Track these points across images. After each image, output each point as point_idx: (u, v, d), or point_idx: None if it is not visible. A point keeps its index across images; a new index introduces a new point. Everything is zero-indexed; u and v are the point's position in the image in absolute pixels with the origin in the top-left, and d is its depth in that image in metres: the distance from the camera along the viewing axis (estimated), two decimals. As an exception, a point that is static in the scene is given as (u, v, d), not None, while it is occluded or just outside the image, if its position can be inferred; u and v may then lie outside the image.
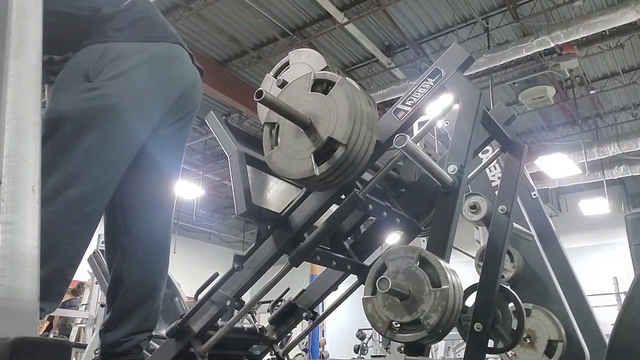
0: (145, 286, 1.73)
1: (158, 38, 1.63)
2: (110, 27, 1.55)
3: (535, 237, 2.17)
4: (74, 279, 1.67)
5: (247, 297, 1.68)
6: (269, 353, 2.10)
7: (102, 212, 1.58)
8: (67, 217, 1.44)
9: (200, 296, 1.65)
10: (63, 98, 1.48)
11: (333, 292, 2.00)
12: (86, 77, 1.47)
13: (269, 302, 2.32)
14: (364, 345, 10.70)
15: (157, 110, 1.62)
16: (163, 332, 1.76)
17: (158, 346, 1.78)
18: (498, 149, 1.78)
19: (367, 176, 1.67)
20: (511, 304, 1.48)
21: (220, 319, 1.70)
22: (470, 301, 1.44)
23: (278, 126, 1.35)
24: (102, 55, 1.50)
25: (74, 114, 1.45)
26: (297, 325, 2.19)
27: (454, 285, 1.11)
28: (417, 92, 1.48)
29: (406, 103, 1.48)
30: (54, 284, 1.43)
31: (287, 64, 1.70)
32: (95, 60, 1.49)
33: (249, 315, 2.26)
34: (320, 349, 11.37)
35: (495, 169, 2.45)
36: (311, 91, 1.32)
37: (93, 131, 1.46)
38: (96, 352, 1.80)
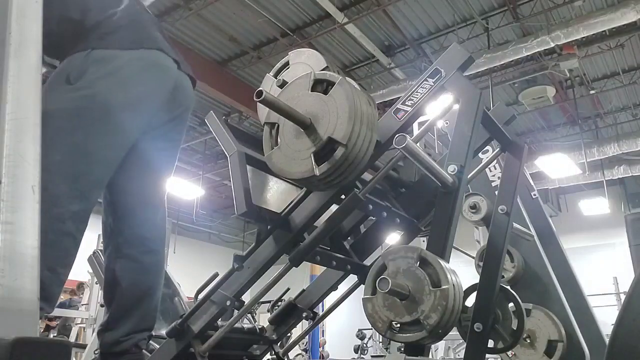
0: (140, 285, 1.74)
1: (139, 45, 1.65)
2: (93, 36, 1.60)
3: (535, 237, 2.17)
4: (74, 278, 1.69)
5: (247, 297, 1.68)
6: (269, 353, 2.10)
7: (89, 210, 1.58)
8: (52, 215, 1.43)
9: (200, 296, 1.65)
10: (47, 99, 1.52)
11: (333, 292, 2.00)
12: (68, 80, 1.53)
13: (269, 302, 2.32)
14: (364, 345, 10.69)
15: (137, 115, 1.64)
16: (163, 332, 1.76)
17: (158, 346, 1.78)
18: (498, 149, 1.78)
19: (367, 176, 1.67)
20: (511, 304, 1.48)
21: (220, 319, 1.70)
22: (470, 301, 1.44)
23: (278, 126, 1.35)
24: (84, 60, 1.55)
25: (57, 112, 1.49)
26: (297, 325, 2.19)
27: (454, 285, 1.11)
28: (417, 92, 1.48)
29: (406, 103, 1.48)
30: (49, 283, 1.44)
31: (287, 64, 1.70)
32: (77, 65, 1.54)
33: (249, 315, 2.26)
34: (320, 349, 11.37)
35: (495, 169, 2.45)
36: (311, 91, 1.32)
37: (76, 130, 1.51)
38: (96, 352, 1.81)
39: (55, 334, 7.22)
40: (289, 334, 2.70)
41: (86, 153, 1.53)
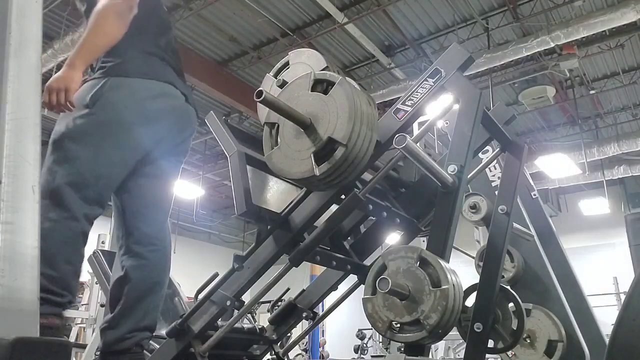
0: (148, 280, 1.81)
1: (152, 77, 1.82)
2: (112, 64, 1.77)
3: (535, 237, 2.17)
4: None
5: (247, 297, 1.68)
6: (269, 353, 2.10)
7: (100, 213, 1.74)
8: (70, 215, 1.63)
9: (200, 296, 1.65)
10: (64, 122, 1.73)
11: (333, 292, 2.00)
12: (85, 105, 1.71)
13: (269, 302, 2.32)
14: (364, 345, 10.69)
15: (146, 135, 1.79)
16: (163, 332, 1.76)
17: (158, 346, 1.78)
18: (498, 149, 1.78)
19: (367, 176, 1.68)
20: (511, 304, 1.48)
21: (220, 319, 1.70)
22: (470, 301, 1.44)
23: (278, 126, 1.35)
24: (101, 86, 1.73)
25: (71, 132, 1.70)
26: (297, 325, 2.19)
27: (454, 285, 1.11)
28: (417, 92, 1.48)
29: (406, 103, 1.48)
30: (70, 276, 1.64)
31: (287, 64, 1.70)
32: (95, 91, 1.72)
33: (249, 315, 2.26)
34: (320, 349, 11.36)
35: (495, 169, 2.45)
36: (311, 91, 1.32)
37: (96, 143, 1.71)
38: (97, 353, 1.82)
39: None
40: (289, 334, 2.70)
41: (106, 163, 1.72)
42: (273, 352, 2.07)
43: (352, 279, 1.87)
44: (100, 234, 5.56)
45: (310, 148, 1.26)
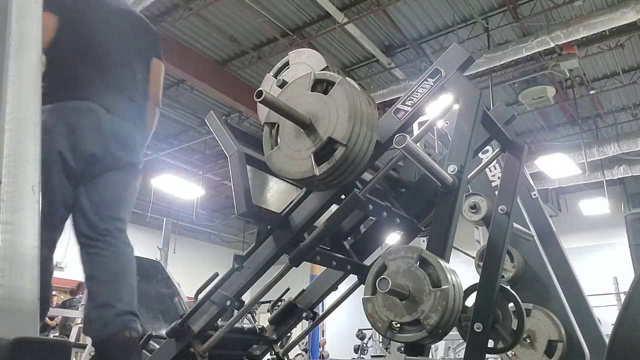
0: (106, 270, 1.80)
1: (69, 98, 1.88)
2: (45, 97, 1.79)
3: (535, 237, 2.17)
4: (74, 278, 1.77)
5: (247, 297, 1.68)
6: (269, 353, 2.10)
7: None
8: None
9: (200, 296, 1.65)
10: None
11: (333, 292, 2.00)
12: None
13: (269, 302, 2.32)
14: (364, 345, 10.69)
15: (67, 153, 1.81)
16: (163, 332, 1.76)
17: (158, 346, 1.78)
18: (498, 149, 1.78)
19: (367, 176, 1.67)
20: (511, 304, 1.48)
21: (220, 319, 1.70)
22: (470, 301, 1.44)
23: (278, 126, 1.35)
24: None
25: None
26: (297, 325, 2.19)
27: (454, 285, 1.11)
28: (417, 92, 1.48)
29: (406, 103, 1.48)
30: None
31: (287, 64, 1.70)
32: None
33: (249, 315, 2.26)
34: (320, 349, 11.37)
35: (495, 169, 2.45)
36: (311, 91, 1.32)
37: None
38: (92, 353, 1.82)
39: (55, 334, 7.22)
40: (289, 334, 2.70)
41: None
42: (273, 352, 2.07)
43: (352, 279, 1.87)
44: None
45: (310, 148, 1.26)
